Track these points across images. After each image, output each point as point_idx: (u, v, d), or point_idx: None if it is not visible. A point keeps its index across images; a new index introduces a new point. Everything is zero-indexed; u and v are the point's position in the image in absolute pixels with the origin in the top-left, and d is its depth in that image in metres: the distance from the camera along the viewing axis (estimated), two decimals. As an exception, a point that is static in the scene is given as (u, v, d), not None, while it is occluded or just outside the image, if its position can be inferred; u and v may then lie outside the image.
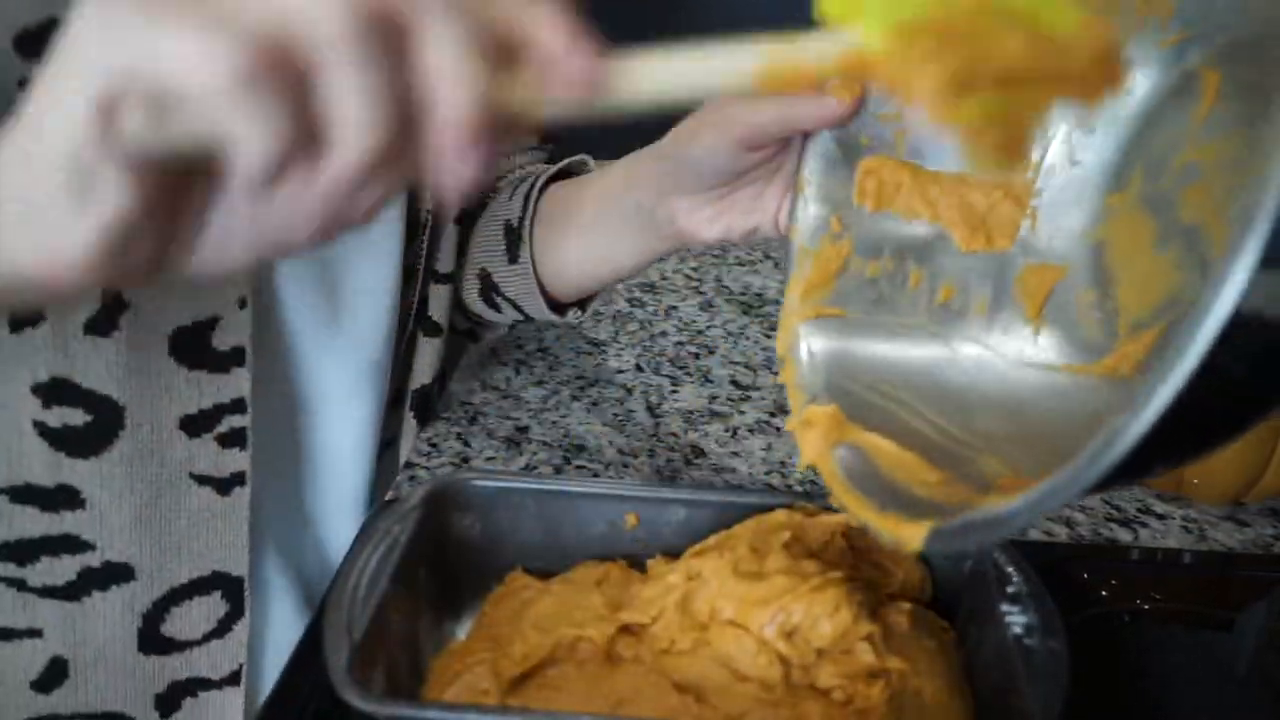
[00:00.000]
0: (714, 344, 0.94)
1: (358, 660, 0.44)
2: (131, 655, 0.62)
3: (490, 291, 0.75)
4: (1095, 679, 0.53)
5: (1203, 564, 0.64)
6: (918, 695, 0.46)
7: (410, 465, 0.74)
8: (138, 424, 0.58)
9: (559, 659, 0.48)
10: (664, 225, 0.62)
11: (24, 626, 0.61)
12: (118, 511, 0.59)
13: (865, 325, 0.48)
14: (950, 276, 0.50)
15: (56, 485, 0.58)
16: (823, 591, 0.47)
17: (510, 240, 0.73)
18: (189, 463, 0.60)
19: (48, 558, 0.59)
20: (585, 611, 0.50)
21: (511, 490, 0.55)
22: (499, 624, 0.51)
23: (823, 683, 0.46)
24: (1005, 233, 0.49)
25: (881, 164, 0.49)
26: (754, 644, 0.46)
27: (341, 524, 0.72)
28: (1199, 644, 0.58)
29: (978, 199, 0.49)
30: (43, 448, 0.57)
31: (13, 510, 0.58)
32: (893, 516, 0.40)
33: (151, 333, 0.57)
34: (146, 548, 0.60)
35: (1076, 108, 0.47)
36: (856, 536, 0.53)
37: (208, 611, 0.63)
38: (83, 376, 0.56)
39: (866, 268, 0.50)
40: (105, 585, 0.60)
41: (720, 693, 0.45)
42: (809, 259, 0.50)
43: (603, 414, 0.82)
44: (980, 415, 0.46)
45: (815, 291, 0.49)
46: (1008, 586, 0.48)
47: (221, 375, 0.59)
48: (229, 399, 0.60)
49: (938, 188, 0.49)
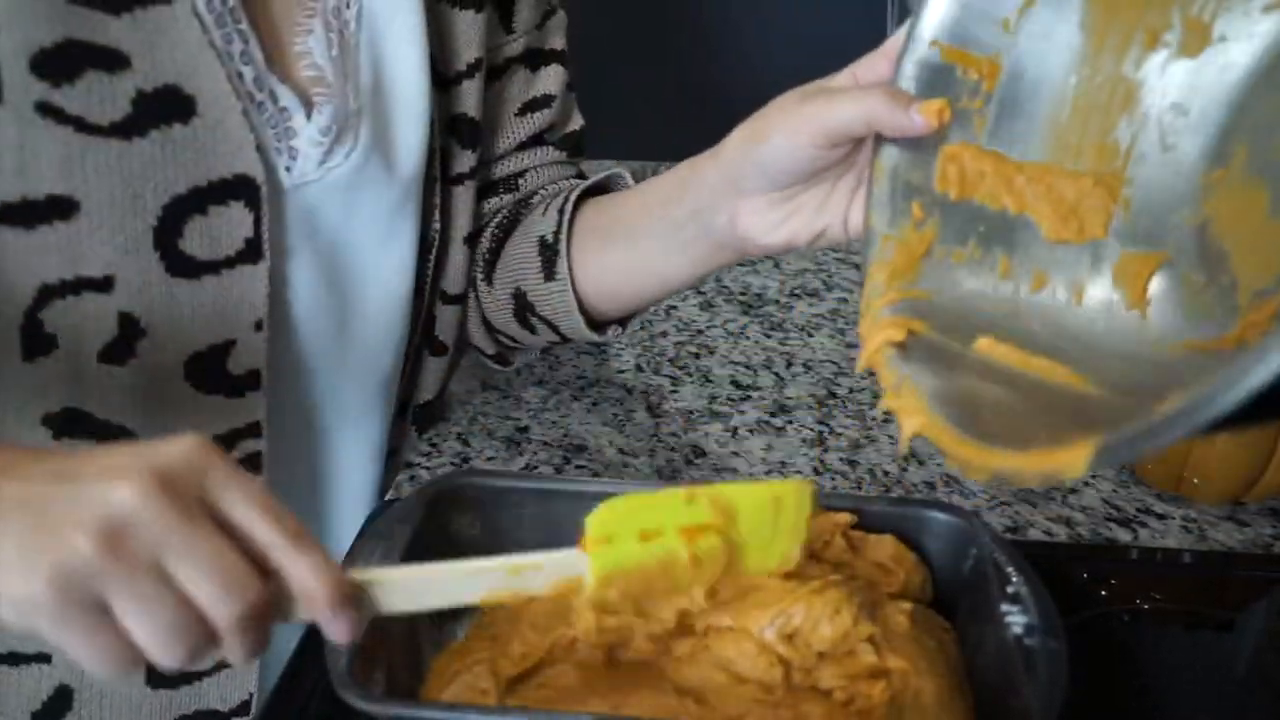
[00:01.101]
0: (714, 344, 0.94)
1: (358, 660, 0.44)
2: (139, 688, 0.61)
3: (525, 311, 0.71)
4: (1095, 679, 0.53)
5: (1203, 564, 0.64)
6: (919, 695, 0.46)
7: (410, 465, 0.74)
8: None
9: (556, 658, 0.48)
10: (723, 233, 0.58)
11: (33, 651, 0.59)
12: None
13: (955, 310, 0.47)
14: (1041, 264, 0.48)
15: None
16: (822, 594, 0.47)
17: (546, 256, 0.69)
18: None
19: None
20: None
21: (511, 490, 0.55)
22: (497, 623, 0.51)
23: (824, 683, 0.46)
24: (1097, 221, 0.48)
25: (964, 150, 0.48)
26: (754, 647, 0.46)
27: (348, 537, 0.71)
28: (1199, 644, 0.58)
29: (1066, 187, 0.48)
30: None
31: None
32: (1039, 451, 0.36)
33: (168, 359, 0.55)
34: None
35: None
36: (857, 537, 0.53)
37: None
38: (96, 406, 0.55)
39: (951, 254, 0.48)
40: None
41: (720, 694, 0.45)
42: (891, 244, 0.48)
43: (603, 414, 0.81)
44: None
45: (900, 276, 0.47)
46: (1008, 586, 0.48)
47: (237, 399, 0.58)
48: (244, 423, 0.59)
49: (1023, 176, 0.48)
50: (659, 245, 0.63)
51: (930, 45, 0.48)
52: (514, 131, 0.72)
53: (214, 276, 0.55)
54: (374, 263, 0.65)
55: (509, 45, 0.70)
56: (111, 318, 0.53)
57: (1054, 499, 0.71)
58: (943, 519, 0.53)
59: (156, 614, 0.36)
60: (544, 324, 0.71)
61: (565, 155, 0.76)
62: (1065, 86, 0.48)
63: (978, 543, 0.52)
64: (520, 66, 0.71)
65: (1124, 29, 0.47)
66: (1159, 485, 0.71)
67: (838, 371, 0.90)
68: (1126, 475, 0.74)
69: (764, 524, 0.45)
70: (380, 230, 0.64)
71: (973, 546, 0.52)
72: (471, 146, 0.68)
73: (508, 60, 0.70)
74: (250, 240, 0.55)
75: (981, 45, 0.48)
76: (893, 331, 0.44)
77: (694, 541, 0.43)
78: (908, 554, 0.53)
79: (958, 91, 0.49)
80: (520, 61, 0.71)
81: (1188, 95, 0.47)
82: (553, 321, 0.70)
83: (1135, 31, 0.47)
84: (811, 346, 0.94)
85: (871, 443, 0.78)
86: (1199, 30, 0.46)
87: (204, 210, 0.54)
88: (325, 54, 0.58)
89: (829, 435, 0.79)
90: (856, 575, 0.52)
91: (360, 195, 0.62)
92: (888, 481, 0.73)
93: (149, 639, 0.37)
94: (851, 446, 0.77)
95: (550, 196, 0.73)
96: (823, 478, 0.73)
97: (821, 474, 0.74)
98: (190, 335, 0.56)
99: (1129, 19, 0.47)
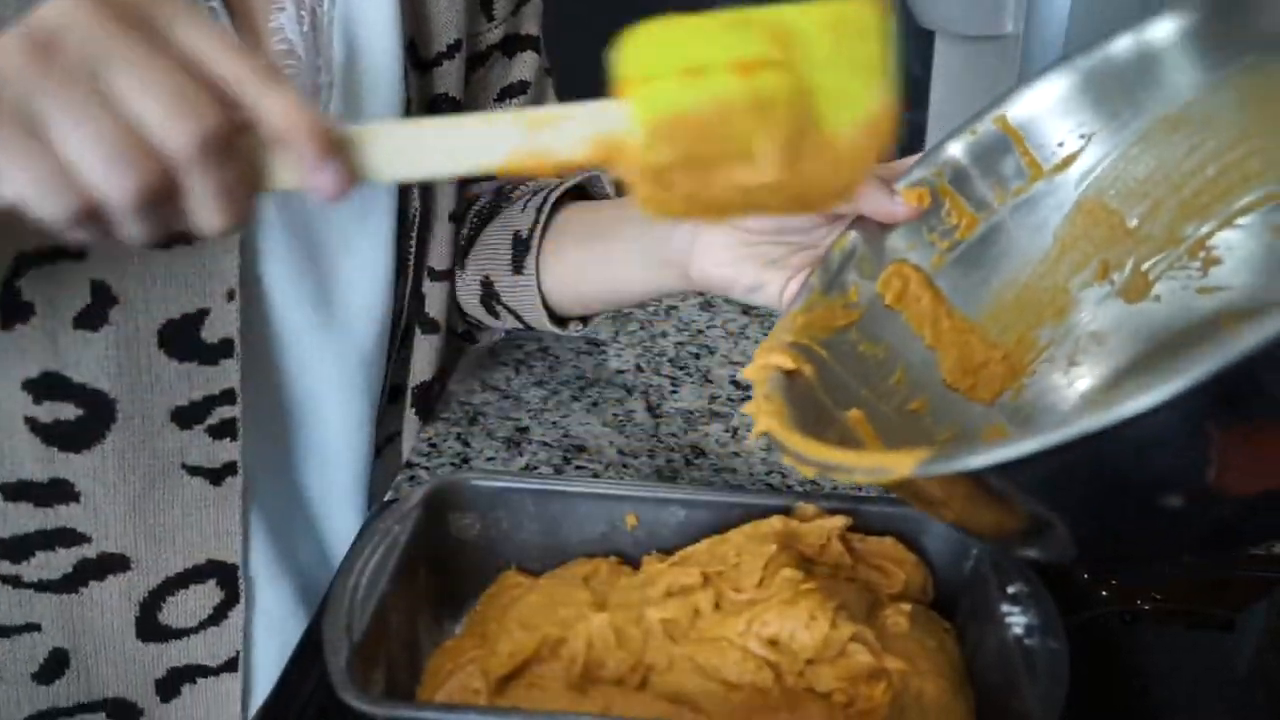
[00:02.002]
0: (714, 344, 0.94)
1: (357, 660, 0.44)
2: (130, 642, 0.63)
3: (491, 299, 0.76)
4: (1095, 679, 0.53)
5: (1203, 564, 0.64)
6: (919, 696, 0.46)
7: (410, 465, 0.74)
8: (129, 417, 0.58)
9: (545, 657, 0.48)
10: (678, 251, 0.61)
11: (21, 622, 0.61)
12: (111, 503, 0.59)
13: (844, 380, 0.49)
14: (928, 394, 0.52)
15: (50, 480, 0.58)
16: (795, 604, 0.47)
17: (518, 251, 0.73)
18: (181, 454, 0.60)
19: (43, 552, 0.60)
20: (570, 608, 0.50)
21: (511, 490, 0.55)
22: (487, 621, 0.51)
23: (822, 685, 0.46)
24: (990, 389, 0.52)
25: (913, 272, 0.52)
26: (739, 654, 0.46)
27: (338, 515, 0.73)
28: (1199, 644, 0.58)
29: (979, 349, 0.52)
30: (35, 443, 0.57)
31: (6, 508, 0.59)
32: (872, 451, 0.41)
33: (141, 326, 0.57)
34: (141, 538, 0.61)
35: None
36: (855, 539, 0.53)
37: (203, 599, 0.64)
38: (74, 371, 0.56)
39: (863, 343, 0.51)
40: (102, 576, 0.61)
41: (715, 700, 0.45)
42: (820, 305, 0.51)
43: (603, 414, 0.81)
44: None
45: (813, 329, 0.49)
46: (1008, 586, 0.48)
47: (211, 367, 0.60)
48: (219, 390, 0.60)
49: (950, 321, 0.52)
50: (621, 252, 0.67)
51: (934, 174, 0.53)
52: None
53: (186, 245, 0.57)
54: (350, 237, 0.67)
55: (490, 32, 0.73)
56: (85, 285, 0.55)
57: (1054, 499, 0.71)
58: (943, 519, 0.53)
59: (97, 130, 0.32)
60: (509, 313, 0.75)
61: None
62: (1020, 273, 0.54)
63: (978, 543, 0.52)
64: (499, 53, 0.73)
65: (1085, 253, 0.53)
66: (1159, 485, 0.71)
67: (838, 371, 0.90)
68: (1126, 475, 0.74)
69: (835, 55, 0.35)
70: (354, 205, 0.66)
71: (973, 546, 0.52)
72: None
73: (489, 48, 0.73)
74: None
75: (973, 200, 0.53)
76: (786, 359, 0.46)
77: (751, 78, 0.34)
78: (908, 555, 0.53)
79: (934, 225, 0.53)
80: (500, 48, 0.73)
81: (1109, 330, 0.53)
82: (517, 312, 0.75)
83: (1093, 260, 0.53)
84: (811, 346, 0.94)
85: (871, 443, 0.78)
86: (1142, 283, 0.53)
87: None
88: (296, 30, 0.60)
89: (829, 435, 0.79)
90: (856, 577, 0.52)
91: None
92: (888, 481, 0.73)
93: (91, 159, 0.33)
94: (851, 446, 0.77)
95: (530, 193, 0.76)
96: (822, 478, 0.73)
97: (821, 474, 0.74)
98: (162, 303, 0.57)
99: (1092, 247, 0.53)
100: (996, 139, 0.53)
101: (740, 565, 0.50)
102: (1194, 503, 0.33)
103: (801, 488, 0.72)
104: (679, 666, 0.47)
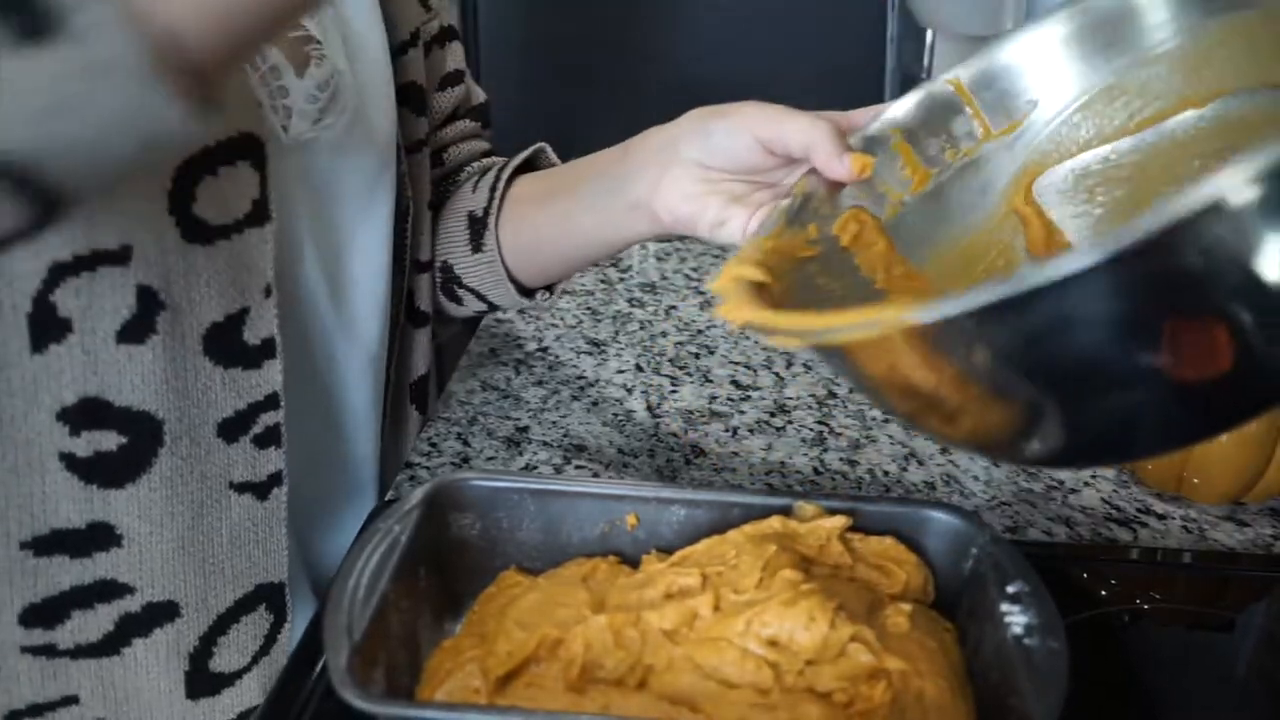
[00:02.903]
0: (714, 344, 0.94)
1: (358, 660, 0.44)
2: (180, 703, 0.58)
3: (451, 284, 0.76)
4: (1095, 679, 0.53)
5: (1202, 564, 0.64)
6: (919, 696, 0.45)
7: (410, 465, 0.74)
8: (176, 438, 0.54)
9: (543, 658, 0.48)
10: (642, 193, 0.62)
11: (56, 696, 0.56)
12: (157, 541, 0.55)
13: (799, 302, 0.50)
14: None
15: (88, 524, 0.53)
16: (794, 605, 0.47)
17: (475, 230, 0.74)
18: (228, 471, 0.57)
19: (79, 612, 0.55)
20: (568, 609, 0.50)
21: (511, 490, 0.55)
22: (485, 620, 0.51)
23: (823, 685, 0.46)
24: None
25: (869, 219, 0.53)
26: (737, 654, 0.46)
27: (352, 518, 0.72)
28: (1199, 644, 0.58)
29: (926, 295, 0.52)
30: (72, 483, 0.52)
31: (37, 565, 0.53)
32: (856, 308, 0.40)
33: (186, 334, 0.54)
34: (190, 578, 0.57)
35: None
36: (856, 539, 0.53)
37: (255, 630, 0.60)
38: (115, 393, 0.52)
39: (819, 277, 0.51)
40: (147, 630, 0.57)
41: (714, 701, 0.45)
42: (786, 234, 0.52)
43: (603, 414, 0.81)
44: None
45: (776, 255, 0.50)
46: (1008, 586, 0.48)
47: (255, 371, 0.57)
48: (263, 395, 0.57)
49: (902, 269, 0.53)
50: (586, 205, 0.68)
51: (891, 129, 0.56)
52: (438, 108, 0.77)
53: (226, 241, 0.54)
54: (357, 231, 0.68)
55: (430, 24, 0.75)
56: (130, 292, 0.51)
57: (1054, 499, 0.71)
58: (943, 519, 0.53)
59: None
60: (471, 294, 0.76)
61: (479, 127, 0.82)
62: (967, 230, 0.56)
63: (978, 543, 0.52)
64: (436, 45, 0.76)
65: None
66: (1159, 485, 0.71)
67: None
68: (1126, 475, 0.74)
69: None
70: (363, 198, 0.67)
71: (973, 546, 0.52)
72: (423, 113, 0.72)
73: (431, 39, 0.75)
74: (257, 201, 0.55)
75: (927, 156, 0.56)
76: (755, 271, 0.46)
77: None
78: (909, 555, 0.53)
79: (888, 178, 0.55)
80: (436, 40, 0.75)
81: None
82: (480, 291, 0.76)
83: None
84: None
85: (871, 443, 0.78)
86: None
87: (215, 171, 0.53)
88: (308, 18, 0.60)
89: (829, 435, 0.79)
90: (855, 577, 0.52)
91: (346, 161, 0.64)
92: (888, 481, 0.73)
93: None
94: (851, 446, 0.77)
95: (477, 173, 0.78)
96: (822, 478, 0.73)
97: (821, 474, 0.74)
98: (207, 305, 0.54)
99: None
100: (950, 99, 0.56)
101: (739, 566, 0.50)
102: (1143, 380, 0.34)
103: (801, 488, 0.72)
104: (678, 667, 0.47)
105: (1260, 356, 0.33)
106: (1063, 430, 0.37)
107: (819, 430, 0.80)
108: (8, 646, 0.54)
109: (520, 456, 0.75)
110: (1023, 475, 0.74)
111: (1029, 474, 0.74)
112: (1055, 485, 0.73)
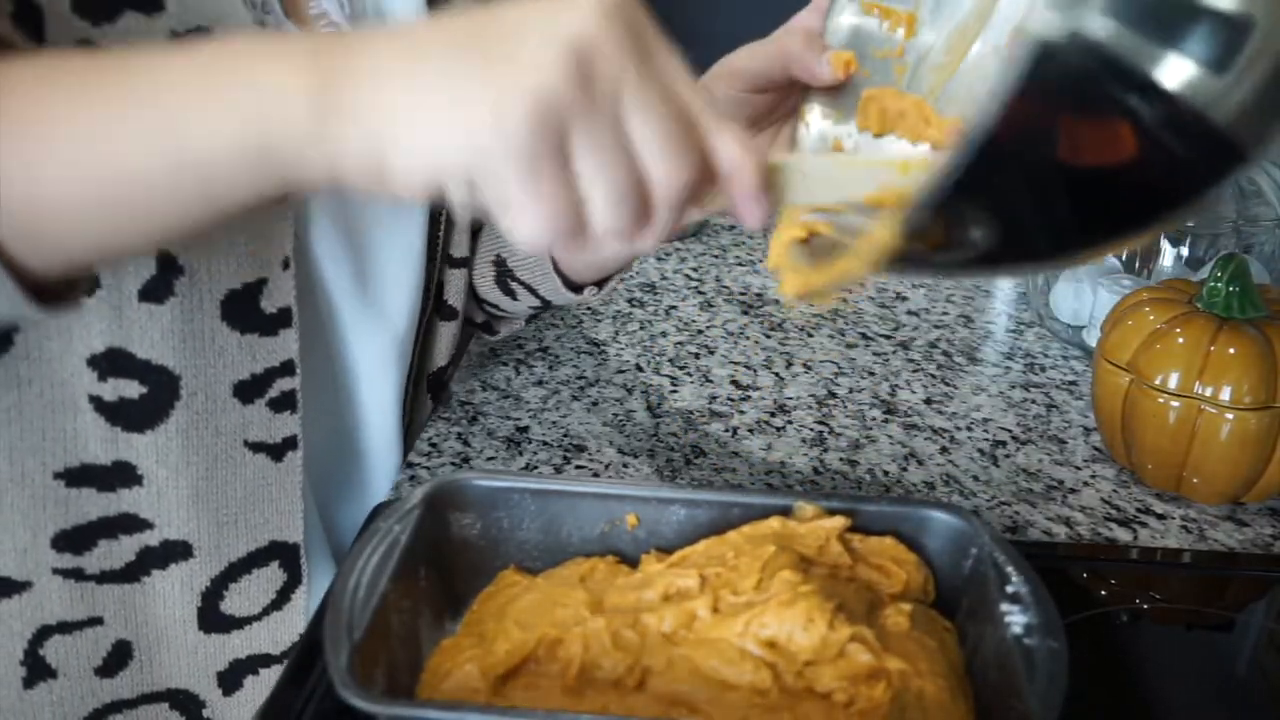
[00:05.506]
0: (714, 344, 0.94)
1: (358, 660, 0.44)
2: (193, 634, 0.63)
3: (505, 278, 0.77)
4: (1095, 679, 0.53)
5: (1202, 564, 0.64)
6: (919, 695, 0.45)
7: (410, 465, 0.74)
8: (192, 393, 0.58)
9: (542, 658, 0.48)
10: None
11: (84, 616, 0.61)
12: (175, 487, 0.59)
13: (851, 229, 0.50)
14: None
15: (113, 462, 0.58)
16: (792, 606, 0.47)
17: None
18: (243, 430, 0.61)
19: (105, 541, 0.59)
20: (566, 609, 0.50)
21: (511, 490, 0.55)
22: (485, 620, 0.51)
23: (822, 685, 0.46)
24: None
25: (884, 92, 0.51)
26: (736, 654, 0.46)
27: (373, 497, 0.73)
28: (1199, 644, 0.58)
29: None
30: (100, 423, 0.57)
31: (68, 495, 0.58)
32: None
33: (204, 298, 0.57)
34: (204, 523, 0.61)
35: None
36: (856, 539, 0.53)
37: (266, 584, 0.64)
38: (138, 346, 0.56)
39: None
40: (164, 564, 0.61)
41: (714, 702, 0.45)
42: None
43: (603, 414, 0.81)
44: None
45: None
46: (1008, 586, 0.48)
47: (271, 338, 0.60)
48: (279, 362, 0.61)
49: (940, 120, 0.51)
50: None
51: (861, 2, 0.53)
52: None
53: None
54: (386, 220, 0.68)
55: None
56: (150, 256, 0.55)
57: (1054, 499, 0.71)
58: (943, 519, 0.53)
59: (614, 177, 0.34)
60: (524, 288, 0.77)
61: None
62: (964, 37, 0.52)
63: (978, 543, 0.52)
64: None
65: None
66: (1158, 485, 0.71)
67: (838, 371, 0.90)
68: (1127, 475, 0.74)
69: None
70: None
71: (973, 546, 0.52)
72: None
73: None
74: None
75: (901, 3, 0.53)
76: (796, 230, 0.45)
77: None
78: (909, 555, 0.53)
79: (880, 44, 0.52)
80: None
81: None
82: (531, 285, 0.76)
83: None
84: (811, 346, 0.94)
85: (871, 443, 0.78)
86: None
87: None
88: (339, 11, 0.62)
89: (829, 435, 0.79)
90: (855, 577, 0.52)
91: None
92: (888, 481, 0.73)
93: (600, 202, 0.34)
94: (851, 446, 0.77)
95: None
96: (822, 478, 0.73)
97: (821, 474, 0.74)
98: (224, 273, 0.57)
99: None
100: None
101: (738, 567, 0.50)
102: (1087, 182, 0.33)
103: (801, 487, 0.72)
104: (677, 667, 0.47)
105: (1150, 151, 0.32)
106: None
107: (819, 430, 0.80)
108: (42, 567, 0.59)
109: (520, 456, 0.75)
110: (1022, 475, 0.74)
111: (1029, 474, 0.74)
112: (1055, 485, 0.73)
